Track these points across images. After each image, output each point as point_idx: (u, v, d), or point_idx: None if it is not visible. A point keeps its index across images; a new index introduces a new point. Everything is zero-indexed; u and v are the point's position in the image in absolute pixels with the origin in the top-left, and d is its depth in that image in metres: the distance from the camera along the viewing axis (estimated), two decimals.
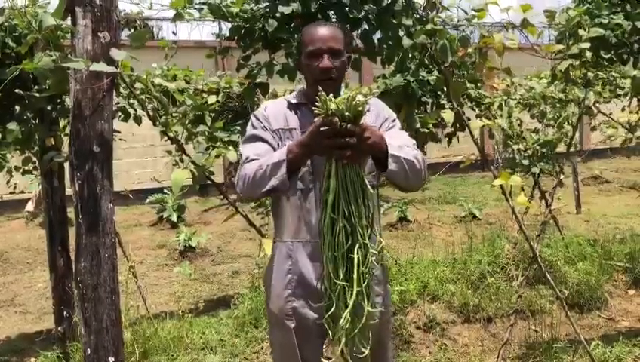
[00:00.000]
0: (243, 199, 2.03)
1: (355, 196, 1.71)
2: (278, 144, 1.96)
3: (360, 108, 1.66)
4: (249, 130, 2.02)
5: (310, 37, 1.94)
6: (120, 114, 3.92)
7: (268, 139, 1.96)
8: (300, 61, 2.05)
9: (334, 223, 1.71)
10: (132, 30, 3.90)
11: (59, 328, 3.77)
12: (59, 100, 3.45)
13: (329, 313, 1.74)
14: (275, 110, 2.03)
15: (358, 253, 1.69)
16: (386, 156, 1.78)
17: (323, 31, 1.94)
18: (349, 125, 1.65)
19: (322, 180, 1.78)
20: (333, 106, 1.64)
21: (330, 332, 1.77)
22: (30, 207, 8.22)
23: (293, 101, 2.04)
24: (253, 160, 1.89)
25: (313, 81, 1.96)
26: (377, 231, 1.90)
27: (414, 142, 2.01)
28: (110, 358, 2.17)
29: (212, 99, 4.19)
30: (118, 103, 3.86)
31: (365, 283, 1.71)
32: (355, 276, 1.68)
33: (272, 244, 2.14)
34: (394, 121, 2.07)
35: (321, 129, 1.68)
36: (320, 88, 1.74)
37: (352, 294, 1.68)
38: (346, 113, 1.64)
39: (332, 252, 1.71)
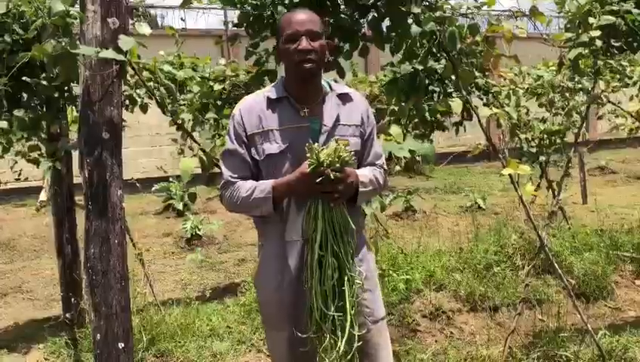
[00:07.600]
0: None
1: (341, 233, 1.89)
2: (252, 149, 2.00)
3: (347, 159, 1.86)
4: (228, 140, 2.06)
5: (287, 22, 1.97)
6: (127, 102, 3.93)
7: (244, 156, 2.02)
8: (278, 49, 2.04)
9: (322, 260, 1.87)
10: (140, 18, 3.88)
11: (67, 314, 3.79)
12: (66, 88, 3.45)
13: (323, 344, 1.87)
14: (251, 110, 2.03)
15: (346, 286, 1.86)
16: (356, 192, 1.99)
17: (300, 15, 1.97)
18: (337, 173, 1.84)
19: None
20: (324, 158, 1.82)
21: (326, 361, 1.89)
22: (44, 196, 8.20)
23: (273, 96, 2.03)
24: (233, 182, 2.01)
25: (293, 65, 1.95)
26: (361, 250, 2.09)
27: (383, 157, 2.21)
28: (120, 344, 2.17)
29: (218, 87, 4.17)
30: (125, 91, 3.86)
31: (354, 311, 1.88)
32: (347, 306, 1.85)
33: (258, 247, 2.16)
34: (373, 128, 2.17)
35: (315, 179, 1.85)
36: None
37: (345, 322, 1.85)
38: (337, 164, 1.84)
39: (321, 286, 1.86)
